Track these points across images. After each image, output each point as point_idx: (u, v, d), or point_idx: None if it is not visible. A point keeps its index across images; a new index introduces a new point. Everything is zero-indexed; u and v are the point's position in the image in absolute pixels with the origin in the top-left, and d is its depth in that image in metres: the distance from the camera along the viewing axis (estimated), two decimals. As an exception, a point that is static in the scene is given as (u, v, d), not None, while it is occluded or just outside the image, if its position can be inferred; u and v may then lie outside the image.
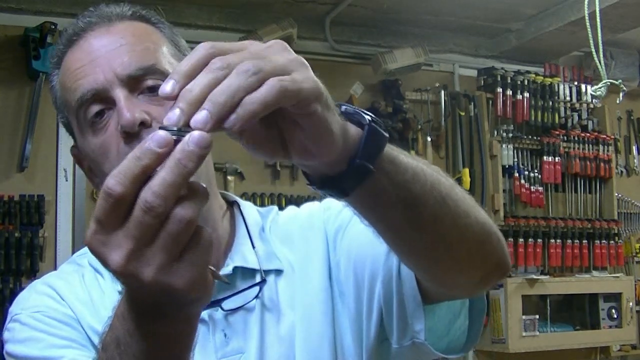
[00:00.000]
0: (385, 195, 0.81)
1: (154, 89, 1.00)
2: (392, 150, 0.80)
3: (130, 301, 0.72)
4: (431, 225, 0.85)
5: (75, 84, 1.03)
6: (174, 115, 0.65)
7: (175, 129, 0.65)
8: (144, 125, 0.98)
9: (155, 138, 0.64)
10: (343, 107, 0.79)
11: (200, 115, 0.64)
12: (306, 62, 0.72)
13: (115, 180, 0.64)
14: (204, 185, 0.68)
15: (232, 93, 0.65)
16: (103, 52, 1.02)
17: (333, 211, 1.14)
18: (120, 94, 0.99)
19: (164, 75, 1.01)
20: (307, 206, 1.20)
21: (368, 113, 0.79)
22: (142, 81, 1.01)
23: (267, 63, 0.68)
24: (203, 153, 0.64)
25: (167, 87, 0.67)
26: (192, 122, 0.64)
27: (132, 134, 0.98)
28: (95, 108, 1.01)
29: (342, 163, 0.76)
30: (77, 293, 1.09)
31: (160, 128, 0.65)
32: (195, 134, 0.64)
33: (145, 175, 0.64)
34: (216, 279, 0.73)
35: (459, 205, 0.87)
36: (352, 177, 0.77)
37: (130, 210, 0.65)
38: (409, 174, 0.82)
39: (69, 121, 1.08)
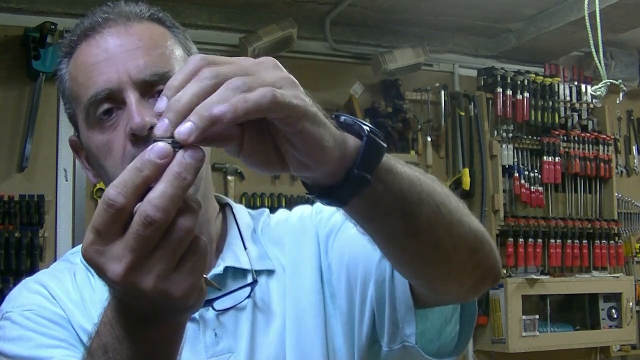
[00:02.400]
0: (382, 204, 0.82)
1: None
2: (389, 159, 0.81)
3: (121, 309, 0.72)
4: (426, 233, 0.86)
5: (89, 81, 1.03)
6: (163, 125, 0.66)
7: (169, 140, 0.66)
8: (152, 130, 0.98)
9: (155, 149, 0.65)
10: (342, 118, 0.80)
11: (185, 127, 0.65)
12: (296, 81, 0.72)
13: (116, 191, 0.65)
14: (197, 198, 0.70)
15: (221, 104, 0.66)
16: (119, 52, 1.02)
17: (325, 214, 1.15)
18: (132, 97, 1.00)
19: None
20: (299, 209, 1.21)
21: (367, 124, 0.79)
22: (154, 86, 1.02)
23: (256, 80, 0.68)
24: (199, 165, 0.66)
25: (161, 104, 0.67)
26: (176, 133, 0.65)
27: (140, 137, 0.99)
28: (105, 106, 1.02)
29: (340, 173, 0.77)
30: (68, 292, 1.09)
31: (154, 140, 0.66)
32: (191, 147, 0.65)
33: (146, 186, 0.65)
34: (208, 285, 0.74)
35: (453, 214, 0.88)
36: (350, 187, 0.78)
37: (129, 220, 0.65)
38: (406, 184, 0.83)
39: (74, 113, 1.08)
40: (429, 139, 4.36)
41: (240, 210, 1.19)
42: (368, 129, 0.78)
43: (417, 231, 0.86)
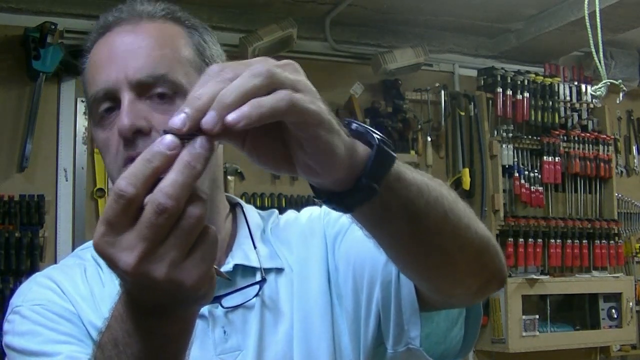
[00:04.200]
0: (389, 211, 0.82)
1: (163, 96, 1.02)
2: (398, 166, 0.81)
3: (132, 302, 0.72)
4: (432, 239, 0.87)
5: (93, 79, 1.06)
6: (179, 120, 0.67)
7: (178, 133, 0.67)
8: (141, 132, 1.00)
9: (165, 142, 0.67)
10: (354, 125, 0.80)
11: (209, 117, 0.66)
12: (313, 88, 0.73)
13: (126, 182, 0.66)
14: (203, 188, 0.70)
15: (241, 94, 0.67)
16: (121, 51, 1.04)
17: (333, 215, 1.15)
18: (126, 97, 1.01)
19: (174, 85, 1.03)
20: (308, 210, 1.21)
21: (377, 132, 0.80)
22: (151, 87, 1.02)
23: (279, 72, 0.69)
24: (208, 155, 0.67)
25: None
26: (203, 124, 0.66)
27: (128, 139, 1.00)
28: (105, 105, 1.04)
29: (348, 181, 0.77)
30: (78, 288, 1.09)
31: (165, 132, 0.67)
32: (201, 137, 0.66)
33: (155, 177, 0.66)
34: (218, 275, 0.74)
35: (461, 220, 0.89)
36: (357, 196, 0.78)
37: (140, 212, 0.66)
38: (414, 191, 0.83)
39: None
40: (429, 139, 4.36)
41: (250, 210, 1.20)
42: (378, 137, 0.79)
43: (423, 237, 0.86)
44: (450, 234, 0.87)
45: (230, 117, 0.66)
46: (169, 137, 0.66)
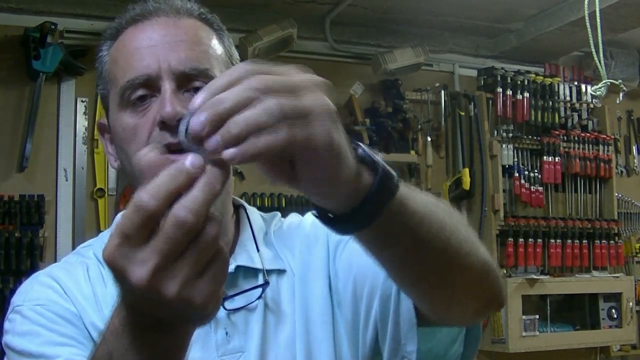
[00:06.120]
0: (388, 238, 0.81)
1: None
2: (402, 193, 0.79)
3: (132, 316, 0.72)
4: (430, 265, 0.86)
5: (129, 65, 1.05)
6: (199, 123, 0.66)
7: (198, 148, 0.67)
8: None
9: (191, 160, 0.67)
10: (360, 150, 0.78)
11: (213, 141, 0.66)
12: (333, 108, 0.72)
13: (149, 195, 0.65)
14: (216, 208, 0.70)
15: (251, 128, 0.66)
16: (164, 41, 1.04)
17: None
18: (167, 86, 1.01)
19: None
20: (311, 215, 1.21)
21: (380, 161, 0.78)
22: (191, 80, 1.03)
23: (292, 107, 0.68)
24: (226, 177, 0.67)
25: (197, 100, 0.68)
26: (206, 145, 0.67)
27: (168, 126, 1.00)
28: (140, 92, 1.04)
29: (346, 207, 0.76)
30: (80, 287, 1.08)
31: (181, 142, 0.68)
32: (219, 160, 0.67)
33: (177, 194, 0.66)
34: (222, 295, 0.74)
35: (462, 246, 0.88)
36: (350, 224, 0.78)
37: (157, 227, 0.65)
38: (416, 219, 0.82)
39: (108, 94, 1.10)
40: (429, 139, 4.35)
41: (253, 212, 1.20)
42: (383, 167, 0.77)
43: (422, 263, 0.86)
44: (450, 262, 0.87)
45: (227, 153, 0.66)
46: (195, 156, 0.67)
